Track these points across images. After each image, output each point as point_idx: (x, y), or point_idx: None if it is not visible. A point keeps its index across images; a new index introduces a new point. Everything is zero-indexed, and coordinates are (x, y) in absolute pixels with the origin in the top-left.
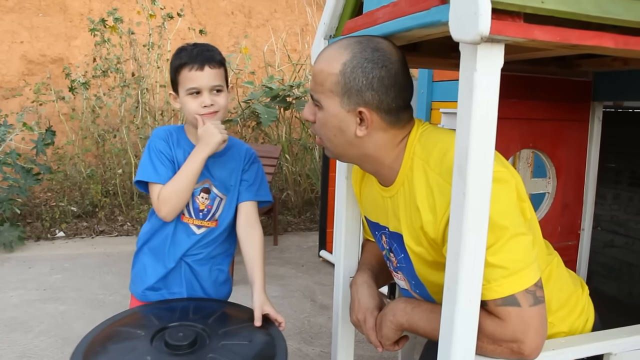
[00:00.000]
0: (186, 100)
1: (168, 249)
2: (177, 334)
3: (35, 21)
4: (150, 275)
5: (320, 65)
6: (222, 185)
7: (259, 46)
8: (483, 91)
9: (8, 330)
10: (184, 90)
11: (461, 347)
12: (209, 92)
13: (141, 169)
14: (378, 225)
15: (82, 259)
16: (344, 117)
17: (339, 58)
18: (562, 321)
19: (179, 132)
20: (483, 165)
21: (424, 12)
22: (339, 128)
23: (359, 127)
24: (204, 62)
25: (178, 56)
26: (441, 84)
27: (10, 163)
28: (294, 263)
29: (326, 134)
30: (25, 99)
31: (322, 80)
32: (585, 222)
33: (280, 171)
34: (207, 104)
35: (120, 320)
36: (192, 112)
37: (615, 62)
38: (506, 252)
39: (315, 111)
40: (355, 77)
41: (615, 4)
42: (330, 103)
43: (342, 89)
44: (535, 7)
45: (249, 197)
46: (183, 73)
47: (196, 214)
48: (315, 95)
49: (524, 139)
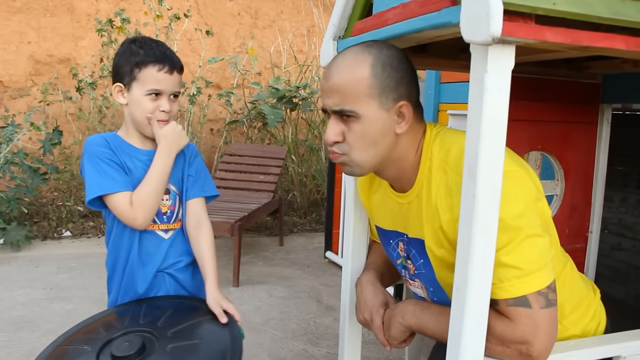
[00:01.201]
0: (143, 100)
1: (140, 267)
2: (123, 344)
3: (42, 22)
4: (130, 296)
5: (343, 77)
6: (175, 180)
7: (265, 47)
8: (494, 92)
9: (15, 329)
10: (144, 89)
11: (470, 347)
12: (168, 97)
13: (93, 184)
14: (395, 233)
15: (89, 259)
16: (385, 118)
17: (363, 62)
18: (575, 324)
19: (114, 139)
20: (493, 166)
21: (435, 14)
22: (381, 132)
23: (398, 125)
24: (173, 65)
25: (138, 50)
26: (449, 86)
27: (18, 162)
28: (300, 264)
29: (364, 146)
30: (32, 99)
31: (352, 89)
32: (594, 225)
33: (286, 172)
34: (166, 109)
35: (69, 338)
36: (145, 113)
37: (625, 64)
38: (520, 253)
39: (342, 130)
40: (388, 74)
41: (627, 5)
42: (369, 108)
43: (378, 90)
44: (547, 9)
45: (196, 194)
46: (148, 71)
47: (160, 218)
48: (348, 107)
49: (533, 141)
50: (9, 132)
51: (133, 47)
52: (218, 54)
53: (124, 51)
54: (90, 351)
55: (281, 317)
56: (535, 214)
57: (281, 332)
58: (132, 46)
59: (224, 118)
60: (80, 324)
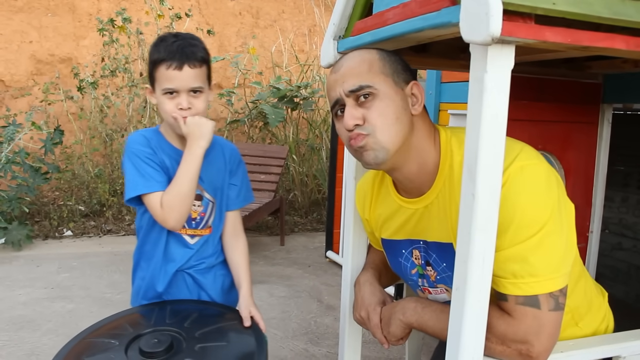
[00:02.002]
0: (162, 99)
1: (163, 264)
2: (151, 340)
3: (44, 21)
4: (150, 292)
5: (356, 60)
6: (211, 188)
7: (266, 47)
8: (493, 92)
9: (16, 328)
10: (160, 88)
11: (469, 347)
12: (186, 94)
13: (131, 183)
14: (408, 241)
15: (90, 258)
16: (401, 96)
17: (368, 51)
18: (589, 326)
19: (156, 136)
20: (493, 166)
21: (435, 13)
22: (401, 108)
23: (413, 106)
24: (183, 60)
25: (157, 48)
26: (449, 85)
27: (19, 162)
28: (301, 263)
29: (387, 123)
30: (34, 99)
31: (367, 67)
32: (594, 225)
33: (287, 172)
34: (184, 107)
35: (95, 331)
36: (168, 113)
37: (625, 64)
38: (542, 251)
39: (361, 113)
40: (395, 60)
41: (627, 5)
42: (386, 85)
43: (389, 69)
44: (547, 9)
45: (238, 205)
46: (160, 70)
47: (189, 223)
48: (365, 82)
49: (533, 141)
50: (10, 132)
51: (156, 46)
52: (219, 54)
53: (150, 50)
54: (118, 345)
55: (282, 316)
56: (559, 209)
57: (282, 332)
58: (155, 45)
59: (225, 117)
60: (105, 319)
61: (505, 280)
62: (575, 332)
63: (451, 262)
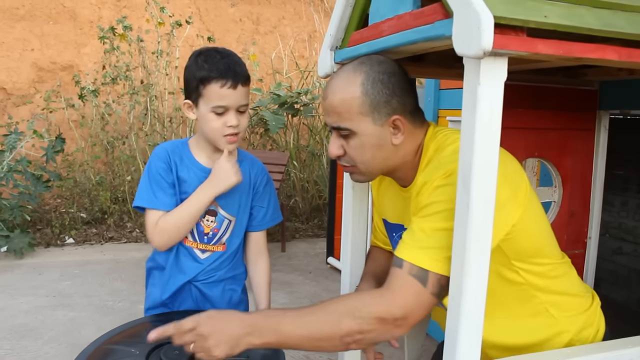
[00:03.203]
0: (209, 117)
1: (172, 275)
2: (172, 351)
3: (45, 29)
4: (156, 299)
5: (337, 97)
6: (232, 206)
7: (267, 53)
8: (486, 104)
9: (18, 337)
10: (209, 106)
11: (466, 355)
12: (235, 112)
13: (140, 193)
14: (399, 226)
15: (92, 266)
16: (379, 132)
17: (354, 82)
18: (568, 320)
19: (182, 149)
20: (487, 177)
21: (428, 26)
22: (377, 145)
23: (394, 136)
24: (237, 79)
25: (203, 65)
26: (448, 92)
27: (21, 170)
28: (302, 270)
29: (363, 158)
30: (35, 107)
31: (346, 108)
32: (592, 231)
33: (288, 178)
34: (234, 124)
35: (113, 338)
36: (215, 131)
37: (620, 71)
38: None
39: (342, 144)
40: (379, 91)
41: (618, 17)
42: (363, 125)
43: (369, 107)
44: (538, 22)
45: (264, 226)
46: (212, 87)
47: (200, 238)
48: (343, 124)
49: (530, 148)
50: (12, 140)
51: (199, 60)
52: None
53: (190, 65)
54: (138, 355)
55: None
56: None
57: None
58: (198, 60)
59: None
60: (123, 326)
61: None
62: (550, 324)
63: None
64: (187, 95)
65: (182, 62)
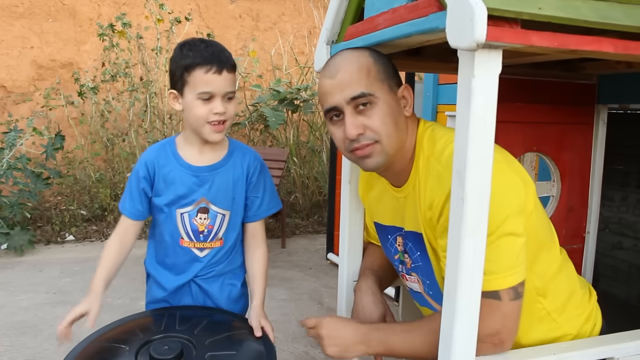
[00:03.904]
0: (195, 104)
1: (172, 275)
2: (162, 347)
3: (45, 26)
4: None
5: (352, 67)
6: (224, 199)
7: (266, 49)
8: (481, 97)
9: (18, 334)
10: (194, 93)
11: (462, 348)
12: (221, 99)
13: (123, 194)
14: (393, 228)
15: (92, 263)
16: (396, 100)
17: (363, 54)
18: (569, 322)
19: (168, 148)
20: (482, 170)
21: (423, 19)
22: (398, 114)
23: (405, 108)
24: (222, 65)
25: (187, 53)
26: (447, 87)
27: (21, 168)
28: (302, 266)
29: (387, 128)
30: (35, 104)
31: (365, 74)
32: (591, 225)
33: (288, 174)
34: (220, 111)
35: (104, 334)
36: (200, 118)
37: (619, 65)
38: (497, 251)
39: (362, 121)
40: (386, 63)
41: (614, 9)
42: (383, 91)
43: (384, 74)
44: (532, 14)
45: (261, 216)
46: (196, 74)
47: (196, 237)
48: (367, 90)
49: (528, 143)
50: (11, 138)
51: (183, 50)
52: None
53: (175, 56)
54: (128, 351)
55: (282, 319)
56: (518, 212)
57: (282, 335)
58: (183, 49)
59: None
60: (114, 323)
61: None
62: (554, 329)
63: (424, 253)
64: (172, 86)
65: None
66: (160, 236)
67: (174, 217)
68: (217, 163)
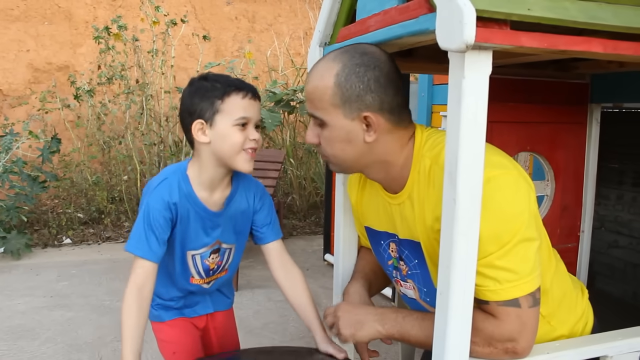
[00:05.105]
0: (231, 131)
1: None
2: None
3: (41, 29)
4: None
5: (313, 83)
6: (230, 236)
7: (262, 51)
8: (472, 97)
9: (15, 338)
10: (231, 119)
11: (455, 350)
12: (253, 126)
13: (133, 238)
14: (386, 234)
15: (89, 266)
16: (350, 127)
17: (330, 71)
18: (562, 324)
19: (185, 185)
20: (473, 170)
21: (413, 21)
22: (347, 140)
23: (367, 133)
24: (254, 91)
25: (214, 85)
26: (442, 87)
27: (17, 171)
28: (300, 267)
29: (333, 150)
30: (31, 107)
31: (319, 96)
32: (585, 224)
33: (285, 175)
34: (257, 138)
35: None
36: (236, 146)
37: (611, 64)
38: (517, 258)
39: (318, 132)
40: (352, 84)
41: (603, 9)
42: (334, 117)
43: (340, 100)
44: (522, 15)
45: (274, 237)
46: (233, 100)
47: (206, 274)
48: (316, 113)
49: (522, 142)
50: (7, 141)
51: (205, 83)
52: (216, 59)
53: (196, 90)
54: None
55: (280, 320)
56: (530, 216)
57: (280, 336)
58: (204, 82)
59: None
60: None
61: (484, 289)
62: (548, 331)
63: (422, 262)
64: (196, 117)
65: (177, 61)
66: (167, 274)
67: (185, 258)
68: (229, 205)
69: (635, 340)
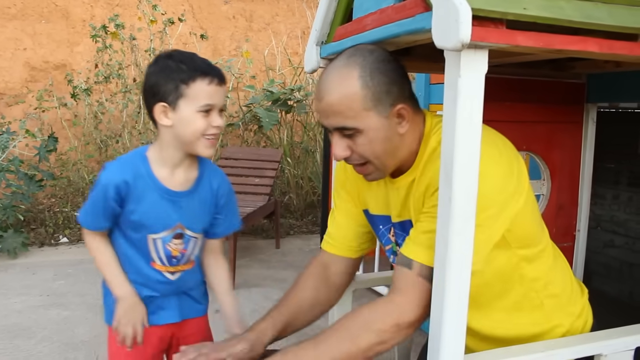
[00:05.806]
0: (194, 117)
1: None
2: None
3: (38, 28)
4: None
5: (335, 95)
6: (196, 224)
7: (260, 50)
8: (467, 96)
9: (11, 337)
10: (195, 106)
11: (450, 348)
12: (217, 112)
13: (83, 210)
14: (383, 218)
15: (86, 265)
16: (386, 124)
17: (351, 76)
18: (560, 314)
19: (141, 165)
20: (469, 169)
21: (409, 19)
22: (386, 138)
23: (400, 125)
24: (221, 76)
25: (179, 66)
26: (439, 87)
27: (14, 170)
28: (297, 266)
29: (376, 153)
30: (28, 106)
31: (348, 105)
32: (581, 224)
33: (282, 174)
34: (220, 125)
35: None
36: (198, 132)
37: (607, 64)
38: None
39: (348, 144)
40: (378, 81)
41: (599, 8)
42: (369, 121)
43: (372, 100)
44: (517, 14)
45: (222, 234)
46: (198, 85)
47: (169, 261)
48: (347, 124)
49: (518, 142)
50: (4, 140)
51: (171, 63)
52: (213, 58)
53: (161, 69)
54: None
55: None
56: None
57: None
58: (170, 62)
59: None
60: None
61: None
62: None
63: None
64: (159, 99)
65: None
66: (127, 257)
67: (145, 241)
68: (193, 187)
69: (630, 338)
